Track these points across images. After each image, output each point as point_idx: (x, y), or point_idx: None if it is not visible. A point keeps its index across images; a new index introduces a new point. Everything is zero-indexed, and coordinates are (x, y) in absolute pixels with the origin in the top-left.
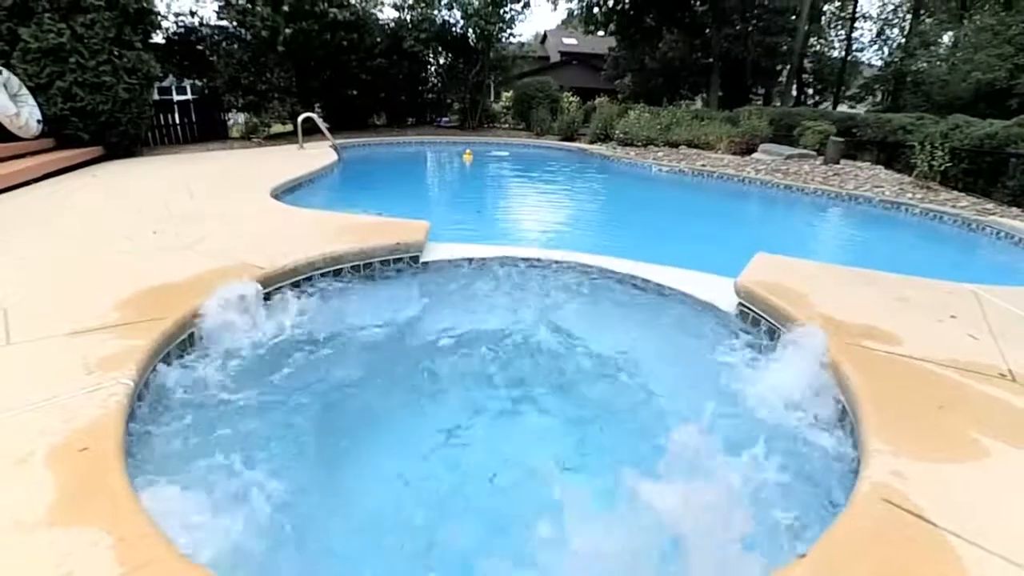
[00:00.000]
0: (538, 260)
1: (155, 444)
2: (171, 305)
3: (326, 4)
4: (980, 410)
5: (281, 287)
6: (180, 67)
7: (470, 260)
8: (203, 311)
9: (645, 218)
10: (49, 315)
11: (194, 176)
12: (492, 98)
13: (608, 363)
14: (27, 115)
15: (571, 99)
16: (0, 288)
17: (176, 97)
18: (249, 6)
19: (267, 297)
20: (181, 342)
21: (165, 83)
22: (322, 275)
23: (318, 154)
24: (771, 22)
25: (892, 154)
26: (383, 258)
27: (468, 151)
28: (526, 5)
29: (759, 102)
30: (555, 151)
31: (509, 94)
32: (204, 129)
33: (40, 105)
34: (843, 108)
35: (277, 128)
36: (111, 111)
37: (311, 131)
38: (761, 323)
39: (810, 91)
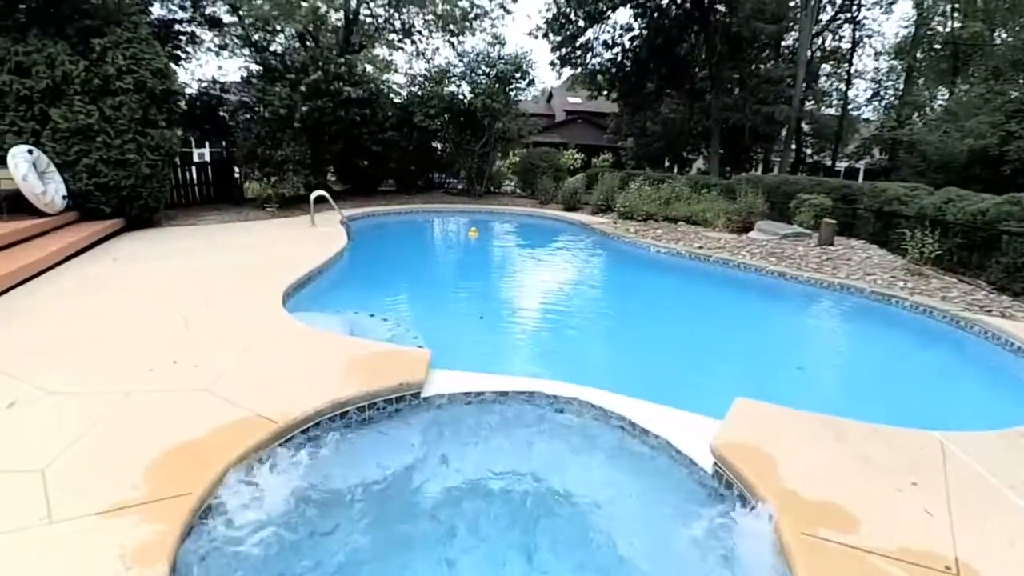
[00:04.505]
0: (532, 393)
1: None
2: (194, 474)
3: (341, 84)
4: None
5: (292, 437)
6: (202, 131)
7: (466, 394)
8: (219, 493)
9: (640, 320)
10: (82, 479)
11: (211, 269)
12: (499, 161)
13: (572, 522)
14: (53, 192)
15: (575, 156)
16: (35, 442)
17: (196, 151)
18: (268, 85)
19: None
20: (205, 509)
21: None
22: (329, 419)
23: (329, 235)
24: (768, 91)
25: (888, 223)
26: (387, 397)
27: (474, 228)
28: (531, 83)
29: (759, 160)
30: (557, 224)
31: (515, 153)
32: (221, 191)
33: (66, 180)
34: (842, 164)
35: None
36: (133, 186)
37: (321, 198)
38: (734, 487)
39: (809, 150)
